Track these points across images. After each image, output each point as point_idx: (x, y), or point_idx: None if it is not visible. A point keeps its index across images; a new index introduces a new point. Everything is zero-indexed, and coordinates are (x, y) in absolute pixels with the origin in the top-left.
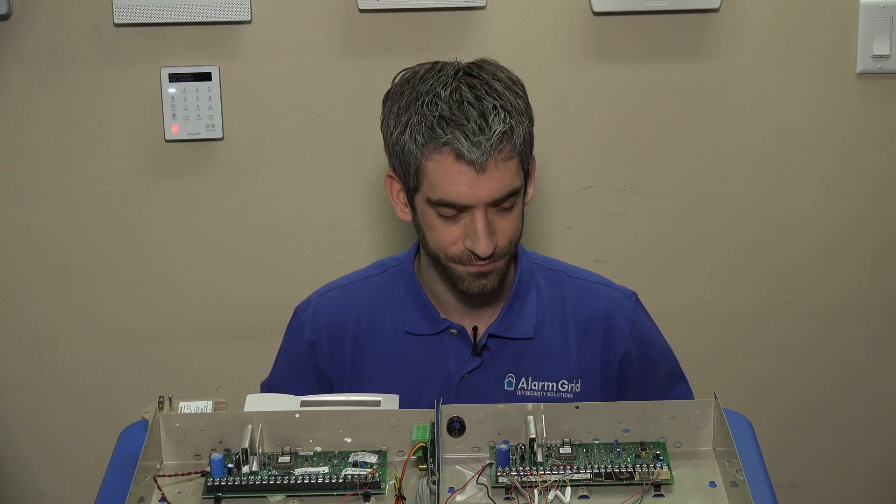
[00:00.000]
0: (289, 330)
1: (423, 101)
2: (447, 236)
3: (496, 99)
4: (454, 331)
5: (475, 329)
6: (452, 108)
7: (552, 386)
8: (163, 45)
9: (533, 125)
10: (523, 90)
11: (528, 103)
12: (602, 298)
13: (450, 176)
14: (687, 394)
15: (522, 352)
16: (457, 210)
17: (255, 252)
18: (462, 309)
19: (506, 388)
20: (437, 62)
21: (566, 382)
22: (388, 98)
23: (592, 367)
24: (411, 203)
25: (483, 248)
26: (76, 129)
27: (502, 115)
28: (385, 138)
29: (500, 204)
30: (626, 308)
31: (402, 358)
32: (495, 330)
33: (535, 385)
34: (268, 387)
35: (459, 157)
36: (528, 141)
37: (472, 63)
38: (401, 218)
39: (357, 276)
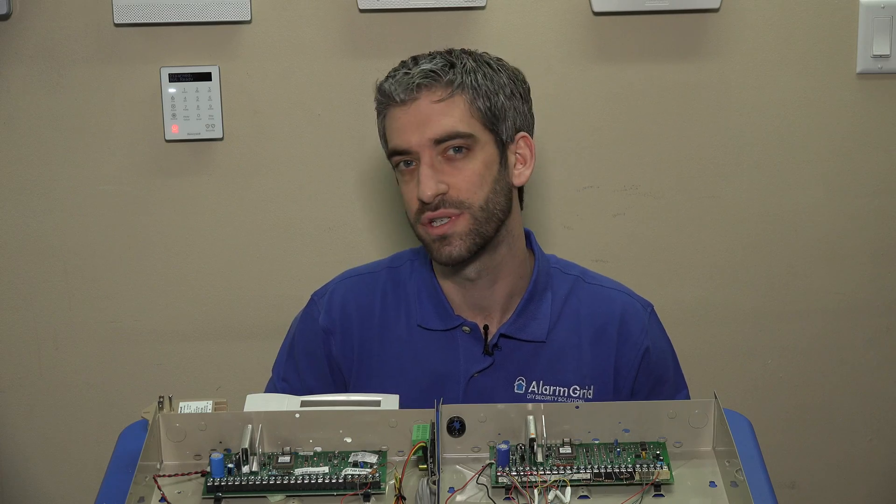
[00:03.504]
0: (304, 315)
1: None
2: (407, 195)
3: (446, 60)
4: (467, 328)
5: (486, 328)
6: (395, 66)
7: (563, 391)
8: (163, 45)
9: (515, 100)
10: (514, 75)
11: (512, 81)
12: (617, 304)
13: (392, 123)
14: None
15: (535, 355)
16: (404, 157)
17: (255, 252)
18: (472, 307)
19: (516, 390)
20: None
21: (578, 388)
22: None
23: (606, 374)
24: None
25: (421, 189)
26: (76, 129)
27: (437, 61)
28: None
29: (443, 146)
30: (642, 316)
31: (412, 353)
32: (507, 330)
33: (546, 389)
34: (283, 376)
35: (392, 101)
36: (495, 103)
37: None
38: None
39: (377, 266)
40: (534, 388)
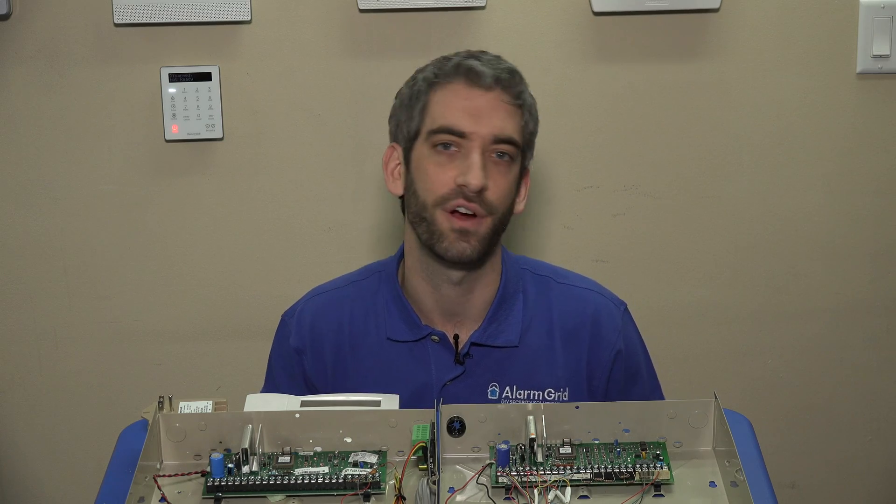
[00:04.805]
0: (277, 336)
1: (440, 60)
2: (439, 177)
3: (516, 72)
4: (436, 338)
5: (456, 337)
6: (470, 52)
7: (538, 395)
8: (163, 45)
9: (536, 123)
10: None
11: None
12: (589, 304)
13: (456, 100)
14: None
15: (507, 360)
16: (451, 138)
17: (255, 252)
18: (443, 314)
19: (489, 396)
20: None
21: (553, 391)
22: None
23: (579, 375)
24: (407, 162)
25: (475, 178)
26: (76, 129)
27: (514, 66)
28: (392, 113)
29: (495, 147)
30: (615, 316)
31: (384, 365)
32: (478, 338)
33: (520, 394)
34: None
35: (470, 82)
36: (533, 132)
37: None
38: (391, 191)
39: (344, 281)
40: (507, 393)
